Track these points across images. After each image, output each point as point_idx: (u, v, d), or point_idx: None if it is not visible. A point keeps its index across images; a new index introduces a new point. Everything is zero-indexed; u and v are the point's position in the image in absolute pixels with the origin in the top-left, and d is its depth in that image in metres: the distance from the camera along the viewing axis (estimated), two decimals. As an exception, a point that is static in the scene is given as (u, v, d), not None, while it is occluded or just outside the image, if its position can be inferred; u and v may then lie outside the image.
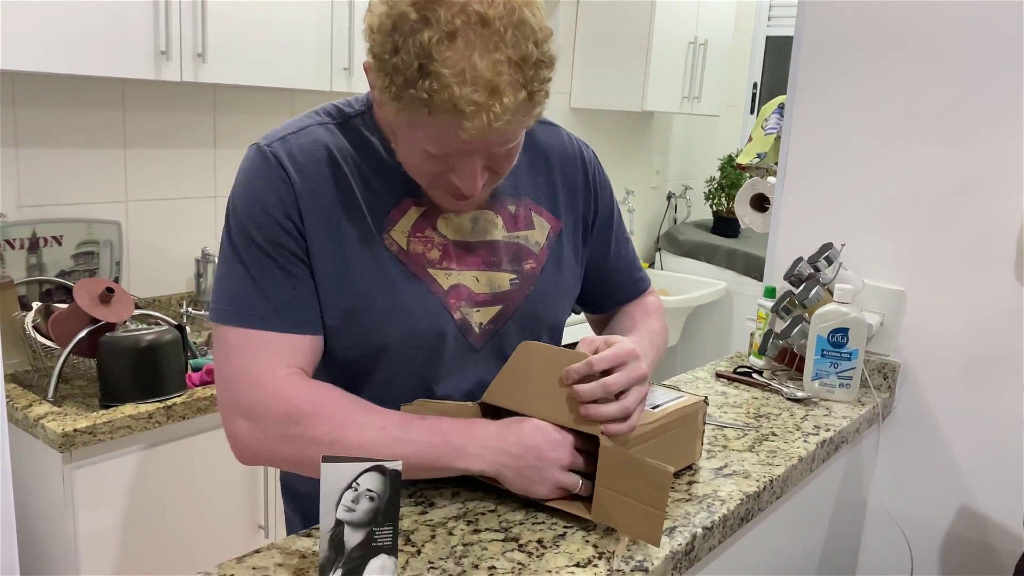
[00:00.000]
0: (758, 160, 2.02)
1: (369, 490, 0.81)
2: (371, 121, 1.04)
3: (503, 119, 0.85)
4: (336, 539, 0.81)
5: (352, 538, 0.81)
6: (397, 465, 0.81)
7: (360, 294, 1.00)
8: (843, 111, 1.74)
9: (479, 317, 1.06)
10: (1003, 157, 1.57)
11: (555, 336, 1.18)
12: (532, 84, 0.86)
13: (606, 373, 0.96)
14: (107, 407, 1.73)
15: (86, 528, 1.70)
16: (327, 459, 0.80)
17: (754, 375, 1.68)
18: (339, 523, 0.81)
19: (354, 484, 0.80)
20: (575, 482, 0.99)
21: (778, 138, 1.99)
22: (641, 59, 3.31)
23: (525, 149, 1.08)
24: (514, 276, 1.08)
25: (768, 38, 4.19)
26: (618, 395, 0.96)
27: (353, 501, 0.81)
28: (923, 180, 1.67)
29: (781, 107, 1.96)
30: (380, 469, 0.81)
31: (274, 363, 0.96)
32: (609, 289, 1.25)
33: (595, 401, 0.96)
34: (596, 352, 0.98)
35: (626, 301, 1.27)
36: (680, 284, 3.76)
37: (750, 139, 2.08)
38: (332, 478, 0.80)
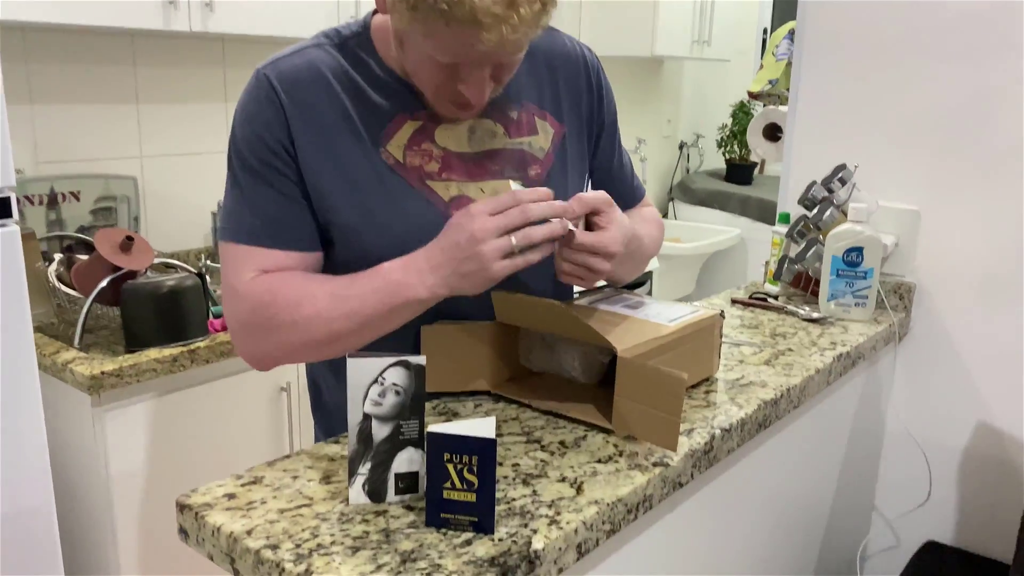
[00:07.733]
0: (770, 87, 2.01)
1: (395, 384, 0.83)
2: (367, 42, 1.05)
3: (520, 31, 0.87)
4: (364, 433, 0.83)
5: (380, 432, 0.83)
6: (421, 360, 0.83)
7: (359, 208, 1.02)
8: (854, 30, 1.72)
9: None
10: (1020, 72, 1.56)
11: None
12: None
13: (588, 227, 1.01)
14: (132, 352, 1.76)
15: (117, 468, 1.74)
16: (352, 355, 0.82)
17: (769, 300, 1.69)
18: (367, 417, 0.83)
19: (380, 379, 0.82)
20: (515, 264, 0.94)
21: (789, 63, 1.97)
22: (650, 2, 3.28)
23: (526, 54, 1.08)
24: (519, 183, 1.08)
25: (777, -19, 4.14)
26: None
27: (380, 395, 0.82)
28: (937, 97, 1.65)
29: (791, 33, 1.94)
30: (404, 364, 0.83)
31: (247, 272, 1.01)
32: (612, 195, 1.18)
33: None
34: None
35: (624, 208, 1.20)
36: (694, 232, 3.75)
37: (761, 67, 2.07)
38: (358, 373, 0.82)
